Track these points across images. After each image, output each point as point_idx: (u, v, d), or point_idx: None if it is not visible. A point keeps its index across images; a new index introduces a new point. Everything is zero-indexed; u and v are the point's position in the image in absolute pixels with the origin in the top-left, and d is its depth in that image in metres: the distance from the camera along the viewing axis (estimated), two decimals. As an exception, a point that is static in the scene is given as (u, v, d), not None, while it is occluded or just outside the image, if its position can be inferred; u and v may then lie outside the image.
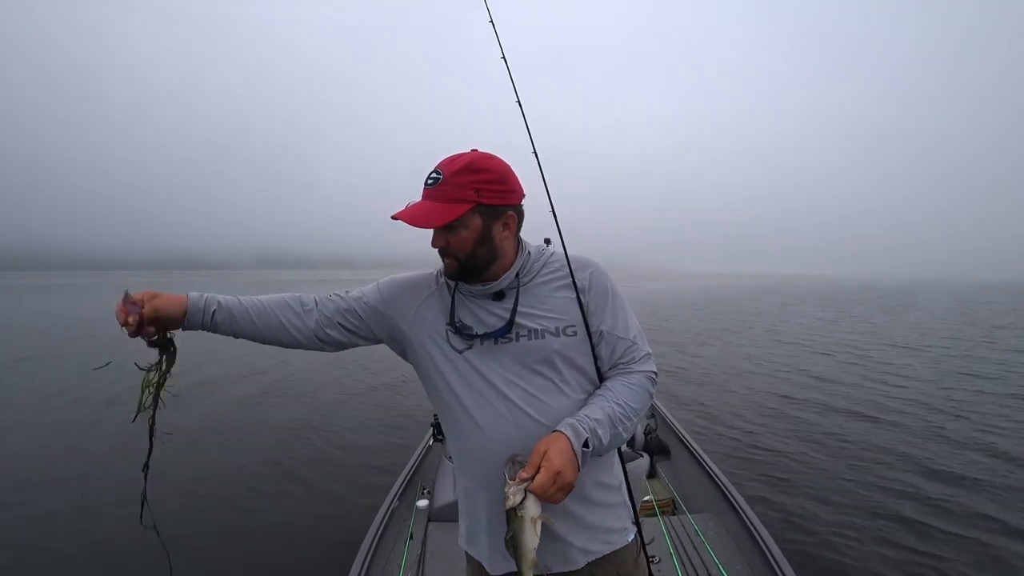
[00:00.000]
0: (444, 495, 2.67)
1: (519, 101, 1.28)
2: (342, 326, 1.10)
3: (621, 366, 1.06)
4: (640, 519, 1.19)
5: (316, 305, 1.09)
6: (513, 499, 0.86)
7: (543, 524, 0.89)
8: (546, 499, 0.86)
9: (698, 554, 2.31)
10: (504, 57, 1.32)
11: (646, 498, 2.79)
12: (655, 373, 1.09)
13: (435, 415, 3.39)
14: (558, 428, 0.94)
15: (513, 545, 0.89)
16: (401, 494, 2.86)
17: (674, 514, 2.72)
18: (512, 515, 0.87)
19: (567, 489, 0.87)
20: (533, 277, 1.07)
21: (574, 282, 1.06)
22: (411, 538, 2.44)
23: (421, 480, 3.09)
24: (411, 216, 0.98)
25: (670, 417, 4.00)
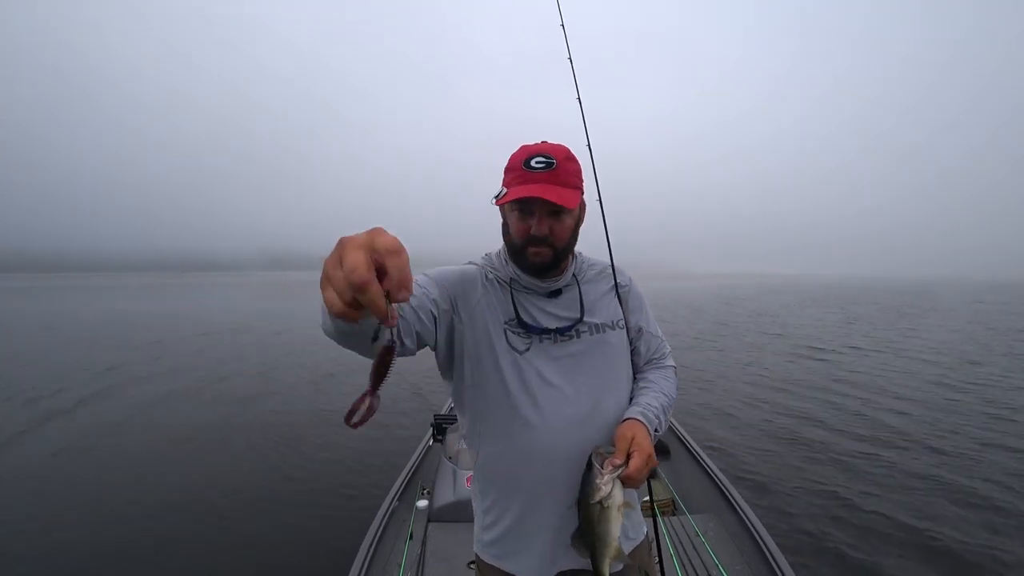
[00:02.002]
0: (444, 495, 2.66)
1: (579, 98, 1.32)
2: (417, 333, 0.92)
3: (654, 361, 1.16)
4: (656, 515, 1.20)
5: None
6: (605, 489, 0.86)
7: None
8: (635, 484, 0.88)
9: (698, 554, 2.31)
10: (570, 58, 1.35)
11: (645, 498, 2.78)
12: (675, 368, 1.19)
13: (435, 415, 3.38)
14: (630, 416, 0.98)
15: (598, 536, 0.89)
16: (401, 494, 2.86)
17: (674, 514, 2.72)
18: (598, 507, 0.87)
19: (649, 472, 0.91)
20: (584, 276, 1.11)
21: (616, 284, 1.13)
22: (411, 538, 2.44)
23: (421, 480, 3.09)
24: (557, 196, 0.92)
25: (670, 417, 4.00)
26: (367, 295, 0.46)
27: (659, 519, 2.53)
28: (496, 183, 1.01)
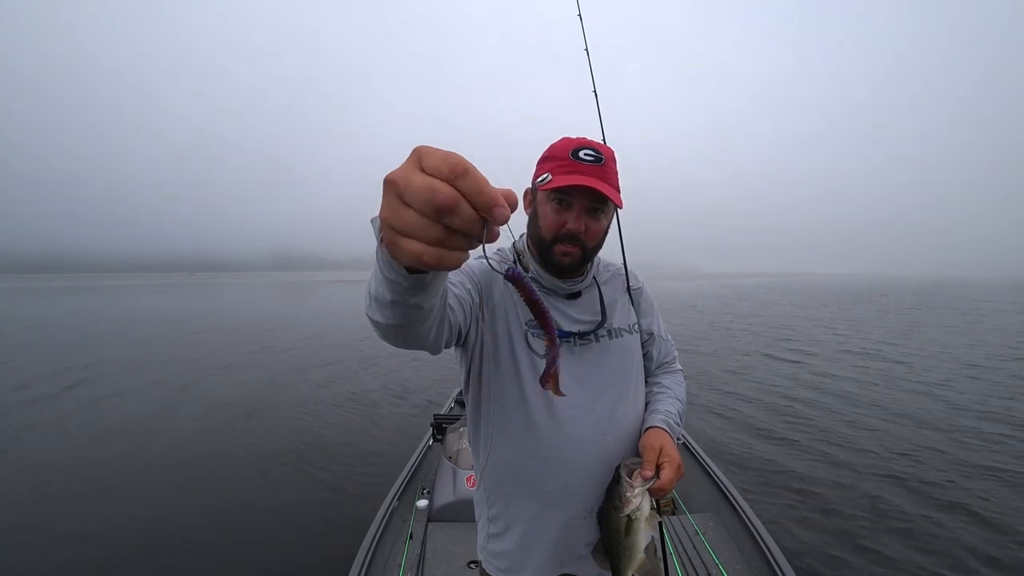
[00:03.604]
0: (444, 495, 2.67)
1: (595, 91, 1.31)
2: (459, 325, 0.87)
3: (665, 365, 1.14)
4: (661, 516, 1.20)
5: None
6: (636, 502, 0.85)
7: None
8: (664, 495, 0.87)
9: (698, 554, 2.31)
10: (587, 50, 1.34)
11: None
12: (683, 371, 1.19)
13: (434, 415, 3.38)
14: (654, 424, 0.97)
15: (625, 548, 0.88)
16: (401, 494, 2.86)
17: (674, 514, 2.72)
18: (626, 519, 0.86)
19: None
20: (601, 279, 1.09)
21: (629, 286, 1.12)
22: (411, 538, 2.44)
23: (421, 480, 3.09)
24: (607, 190, 0.88)
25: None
26: (459, 212, 0.35)
27: (662, 519, 2.52)
28: (493, 177, 0.98)
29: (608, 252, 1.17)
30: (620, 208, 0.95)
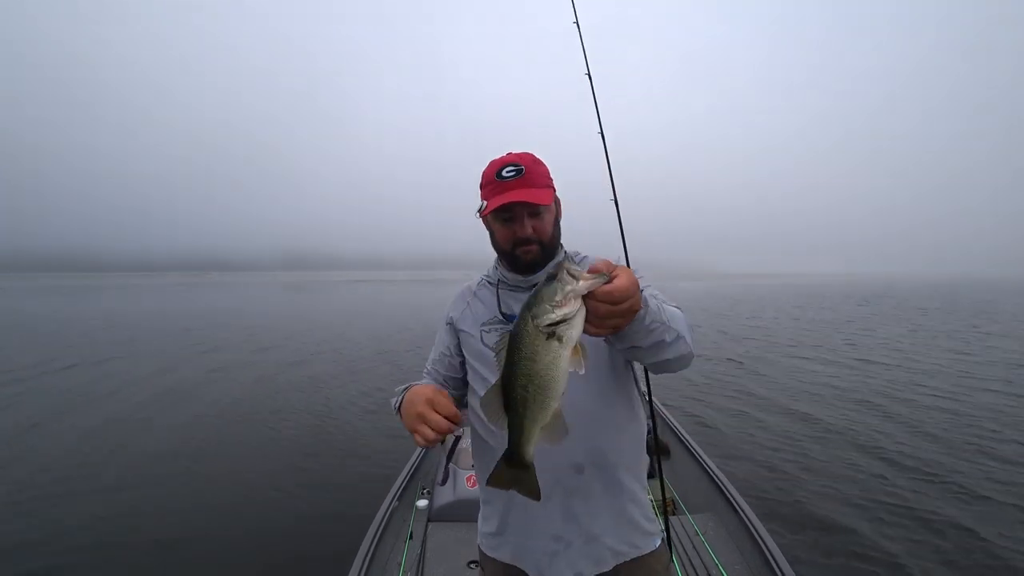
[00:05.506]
0: (444, 495, 2.67)
1: (595, 98, 1.37)
2: (459, 382, 1.19)
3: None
4: (666, 516, 1.17)
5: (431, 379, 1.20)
6: (572, 307, 0.56)
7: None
8: (606, 319, 0.63)
9: (698, 554, 2.31)
10: (588, 73, 1.41)
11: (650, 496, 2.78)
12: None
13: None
14: None
15: (537, 386, 0.59)
16: (401, 494, 2.86)
17: (674, 514, 2.72)
18: (544, 337, 0.58)
19: (631, 317, 0.69)
20: None
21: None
22: (411, 538, 2.44)
23: (421, 480, 3.09)
24: (532, 197, 0.99)
25: (670, 417, 4.00)
26: (436, 421, 0.86)
27: (669, 519, 2.51)
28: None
29: (608, 251, 1.18)
30: (547, 206, 1.02)
